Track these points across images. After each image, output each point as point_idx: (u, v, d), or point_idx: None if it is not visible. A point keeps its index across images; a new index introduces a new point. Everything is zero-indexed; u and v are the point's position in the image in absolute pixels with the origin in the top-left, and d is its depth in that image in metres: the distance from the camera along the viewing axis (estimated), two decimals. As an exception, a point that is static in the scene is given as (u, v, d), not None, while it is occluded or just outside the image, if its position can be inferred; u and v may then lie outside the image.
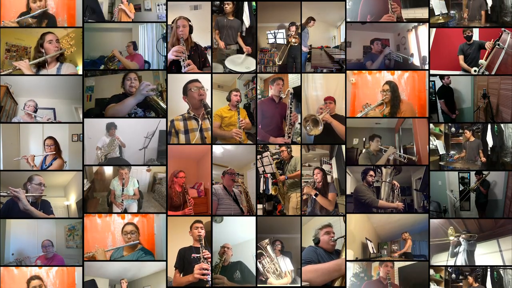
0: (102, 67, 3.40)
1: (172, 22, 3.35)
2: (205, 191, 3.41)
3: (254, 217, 3.35)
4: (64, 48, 3.36)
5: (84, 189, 3.36)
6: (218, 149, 3.38)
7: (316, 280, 3.18)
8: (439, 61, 3.41)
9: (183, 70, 3.33)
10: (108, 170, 3.42)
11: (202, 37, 3.41)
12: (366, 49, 3.46)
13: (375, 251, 3.38)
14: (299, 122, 3.41)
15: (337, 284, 3.22)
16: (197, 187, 3.42)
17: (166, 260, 3.34)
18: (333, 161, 3.43)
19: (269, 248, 3.29)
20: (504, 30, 3.36)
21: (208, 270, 3.18)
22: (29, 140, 3.38)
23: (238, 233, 3.35)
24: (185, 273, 3.23)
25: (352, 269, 3.33)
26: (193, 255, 3.21)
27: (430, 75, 3.39)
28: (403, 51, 3.47)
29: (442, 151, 3.42)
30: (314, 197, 3.34)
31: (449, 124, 3.44)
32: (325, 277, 3.19)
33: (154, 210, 3.40)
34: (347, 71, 3.40)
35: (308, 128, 3.38)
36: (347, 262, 3.29)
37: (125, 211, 3.37)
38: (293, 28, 3.41)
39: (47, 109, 3.39)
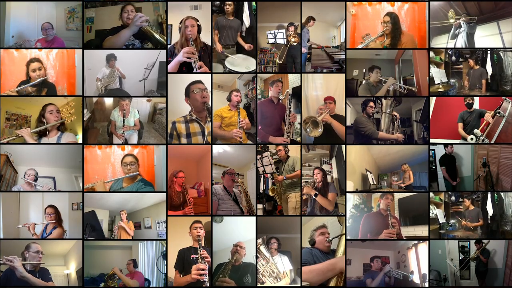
0: None
1: (180, 23, 3.34)
2: (205, 191, 3.41)
3: (254, 217, 3.34)
4: (64, 118, 3.37)
5: (84, 119, 3.37)
6: (218, 149, 3.37)
7: (311, 280, 3.16)
8: (439, 129, 3.41)
9: (194, 71, 3.33)
10: (108, 101, 3.43)
11: (201, 37, 3.40)
12: None
13: (375, 183, 3.39)
14: (299, 122, 3.41)
15: (332, 283, 3.20)
16: (197, 187, 3.42)
17: (166, 192, 3.35)
18: (333, 161, 3.43)
19: (263, 248, 3.28)
20: (505, 99, 3.36)
21: (205, 271, 3.14)
22: (29, 208, 3.38)
23: (238, 233, 3.34)
24: (185, 273, 3.21)
25: (352, 200, 3.33)
26: (192, 256, 3.19)
27: (430, 143, 3.39)
28: (403, -18, 3.45)
29: (442, 219, 3.42)
30: (314, 197, 3.34)
31: (449, 193, 3.44)
32: (320, 277, 3.18)
33: (154, 141, 3.41)
34: (347, 2, 3.40)
35: (308, 130, 3.38)
36: (347, 193, 3.31)
37: (125, 142, 3.38)
38: (291, 28, 3.42)
39: (47, 178, 3.38)
